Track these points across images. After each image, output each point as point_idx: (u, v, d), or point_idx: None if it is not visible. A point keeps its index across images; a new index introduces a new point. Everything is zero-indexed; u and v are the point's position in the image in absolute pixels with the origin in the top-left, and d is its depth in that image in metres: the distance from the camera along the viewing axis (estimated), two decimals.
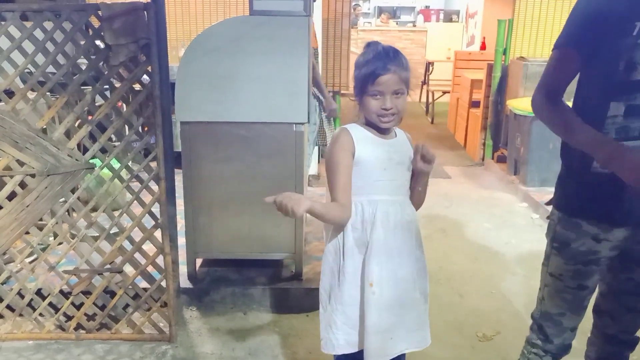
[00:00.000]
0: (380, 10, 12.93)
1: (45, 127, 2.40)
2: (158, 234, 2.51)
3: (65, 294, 2.57)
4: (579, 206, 1.58)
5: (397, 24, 12.25)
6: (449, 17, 11.61)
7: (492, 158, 5.67)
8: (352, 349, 1.73)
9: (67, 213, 2.54)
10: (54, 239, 2.84)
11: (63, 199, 2.47)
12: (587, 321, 1.76)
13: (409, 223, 1.71)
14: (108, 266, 2.56)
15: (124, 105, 4.19)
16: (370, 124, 1.68)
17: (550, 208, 1.69)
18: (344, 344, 1.72)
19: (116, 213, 2.49)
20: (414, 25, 11.85)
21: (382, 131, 1.69)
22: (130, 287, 2.57)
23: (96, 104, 2.40)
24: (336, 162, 1.63)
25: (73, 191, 2.46)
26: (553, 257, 1.65)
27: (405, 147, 1.73)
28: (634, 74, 1.40)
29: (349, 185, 1.63)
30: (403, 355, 1.78)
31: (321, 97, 4.23)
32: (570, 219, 1.59)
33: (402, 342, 1.73)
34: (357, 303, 1.70)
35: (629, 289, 1.61)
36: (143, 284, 2.60)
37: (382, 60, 1.59)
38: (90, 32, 2.34)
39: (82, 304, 2.57)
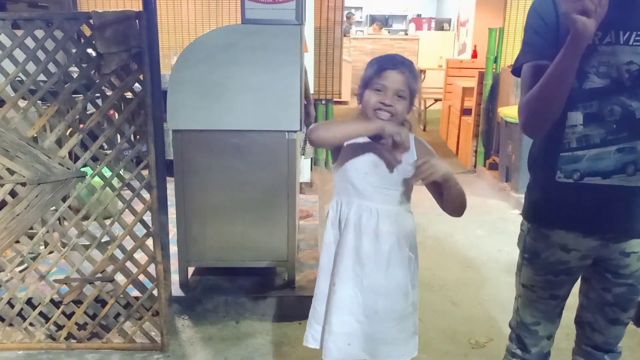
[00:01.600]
0: (373, 19, 13.03)
1: (36, 135, 2.39)
2: (150, 242, 2.50)
3: (56, 303, 2.55)
4: (546, 217, 1.58)
5: (389, 32, 12.35)
6: (440, 25, 11.71)
7: (484, 165, 5.70)
8: (316, 345, 1.75)
9: (57, 222, 2.53)
10: (45, 247, 2.82)
11: (54, 208, 2.46)
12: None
13: (386, 233, 1.66)
14: (99, 275, 2.55)
15: (116, 114, 4.17)
16: None
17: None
18: (310, 339, 1.76)
19: (107, 221, 2.48)
20: (406, 34, 11.94)
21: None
22: (121, 296, 2.55)
23: (87, 112, 2.39)
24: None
25: (64, 200, 2.45)
26: (524, 268, 1.66)
27: (405, 155, 1.67)
28: (586, 83, 1.42)
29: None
30: None
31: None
32: (538, 229, 1.60)
33: (362, 352, 1.71)
34: (325, 298, 1.72)
35: (607, 300, 1.60)
36: (134, 292, 2.58)
37: (394, 59, 1.63)
38: (82, 41, 2.34)
39: (72, 313, 2.55)
